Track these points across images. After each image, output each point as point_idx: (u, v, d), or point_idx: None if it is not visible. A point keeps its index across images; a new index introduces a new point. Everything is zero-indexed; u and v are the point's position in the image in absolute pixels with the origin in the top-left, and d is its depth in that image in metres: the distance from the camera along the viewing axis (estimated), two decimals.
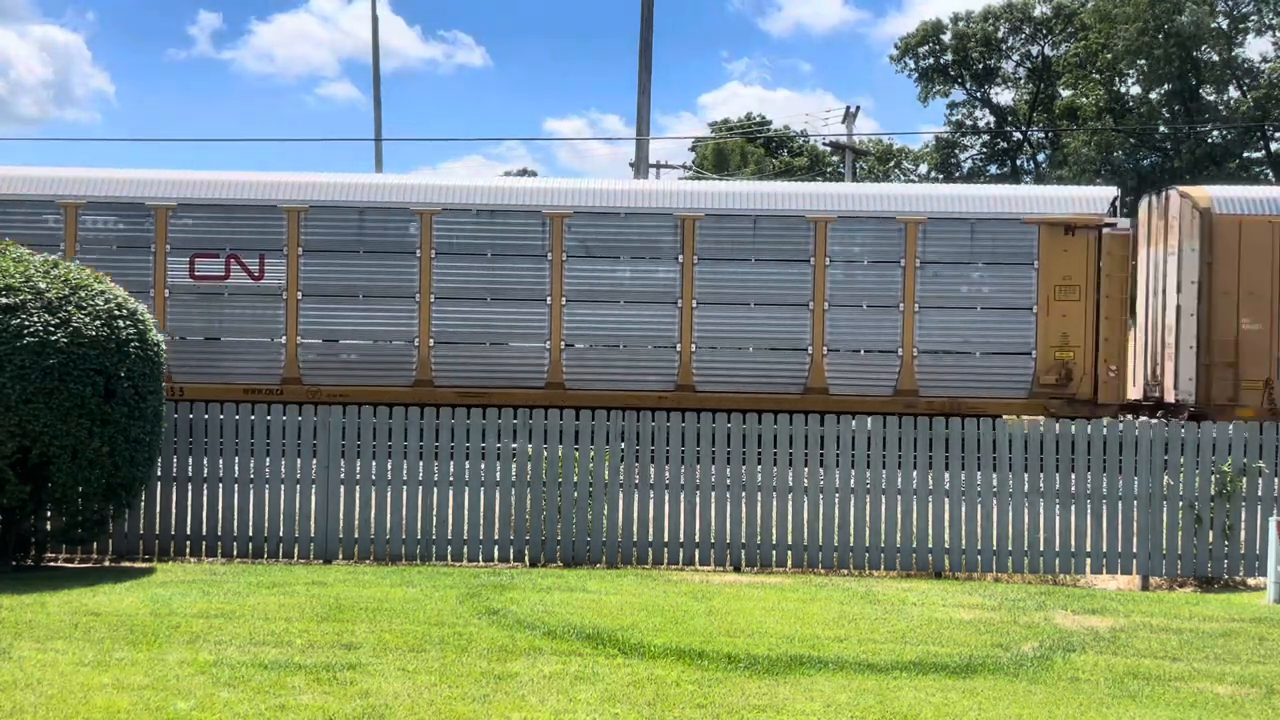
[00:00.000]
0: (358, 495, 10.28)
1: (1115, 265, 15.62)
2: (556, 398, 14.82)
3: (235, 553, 10.27)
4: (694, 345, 15.57)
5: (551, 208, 15.55)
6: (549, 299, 15.47)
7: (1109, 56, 46.26)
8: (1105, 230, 15.64)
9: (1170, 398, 16.40)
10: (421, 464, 10.27)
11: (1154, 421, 10.53)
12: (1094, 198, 16.01)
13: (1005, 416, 14.16)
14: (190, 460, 10.30)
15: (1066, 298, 15.56)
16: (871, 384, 15.55)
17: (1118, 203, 16.06)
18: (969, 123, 57.30)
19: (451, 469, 10.28)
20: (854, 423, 10.37)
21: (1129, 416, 15.93)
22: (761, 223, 15.67)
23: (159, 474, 10.15)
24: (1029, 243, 15.59)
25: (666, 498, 10.29)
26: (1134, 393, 16.64)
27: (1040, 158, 55.59)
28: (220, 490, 10.29)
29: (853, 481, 10.27)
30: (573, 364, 15.47)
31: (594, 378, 15.47)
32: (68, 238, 15.44)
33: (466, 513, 10.30)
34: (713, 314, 15.64)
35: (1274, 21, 44.13)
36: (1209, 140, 44.40)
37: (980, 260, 15.63)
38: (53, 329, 8.76)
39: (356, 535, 10.26)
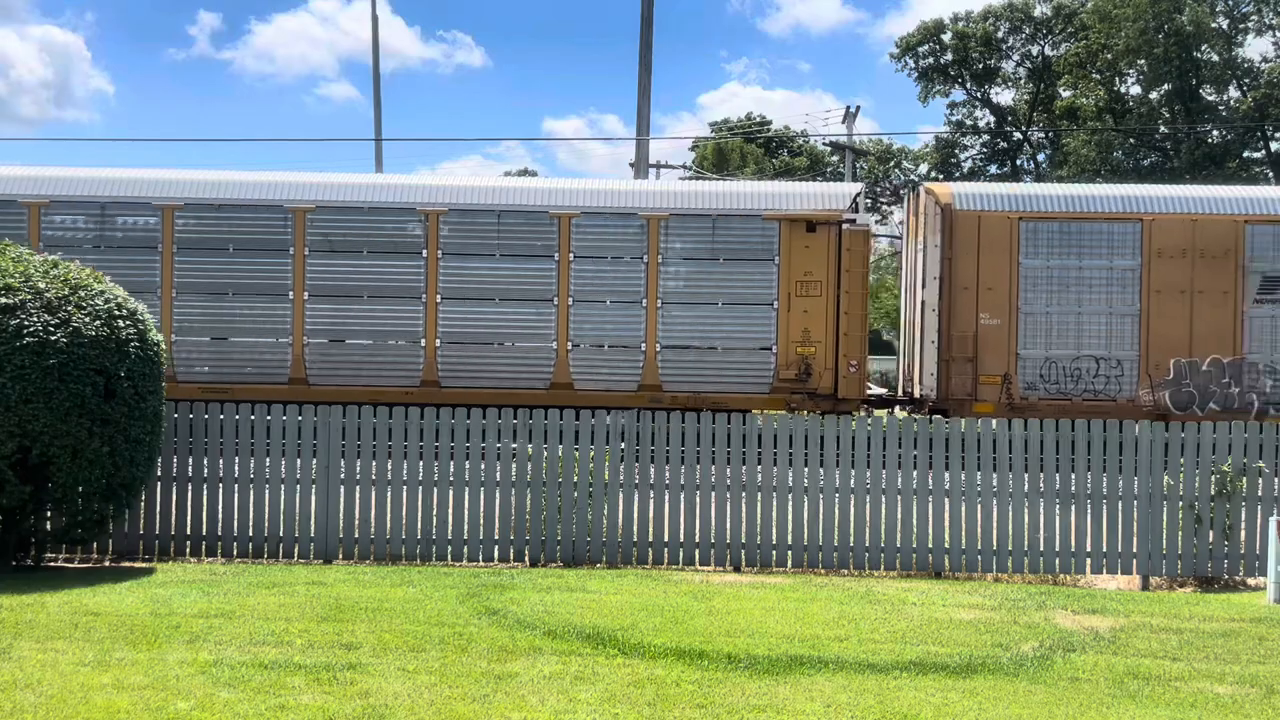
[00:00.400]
0: (357, 495, 10.28)
1: (856, 261, 15.82)
2: (300, 393, 15.26)
3: (235, 553, 10.27)
4: (439, 341, 15.79)
5: (294, 202, 15.82)
6: (290, 294, 15.78)
7: (1109, 56, 46.25)
8: (845, 226, 15.83)
9: (918, 393, 16.62)
10: (421, 464, 10.27)
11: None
12: (835, 194, 16.23)
13: (755, 411, 14.33)
14: (190, 460, 10.30)
15: (808, 293, 15.78)
16: (616, 379, 15.82)
17: (860, 199, 16.15)
18: (969, 123, 57.35)
19: (452, 469, 10.28)
20: (854, 423, 10.37)
21: (871, 410, 16.42)
22: (505, 218, 15.88)
23: (159, 474, 10.15)
24: (770, 239, 15.82)
25: (666, 498, 10.29)
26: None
27: (1040, 158, 55.63)
28: (220, 490, 10.29)
29: (853, 481, 10.27)
30: (314, 359, 15.83)
31: (348, 374, 15.79)
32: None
33: (467, 513, 10.30)
34: (458, 310, 15.84)
35: (1274, 21, 44.13)
36: (1209, 140, 44.39)
37: (722, 256, 15.87)
38: (52, 329, 8.75)
39: (356, 535, 10.26)
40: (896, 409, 16.90)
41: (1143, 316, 15.92)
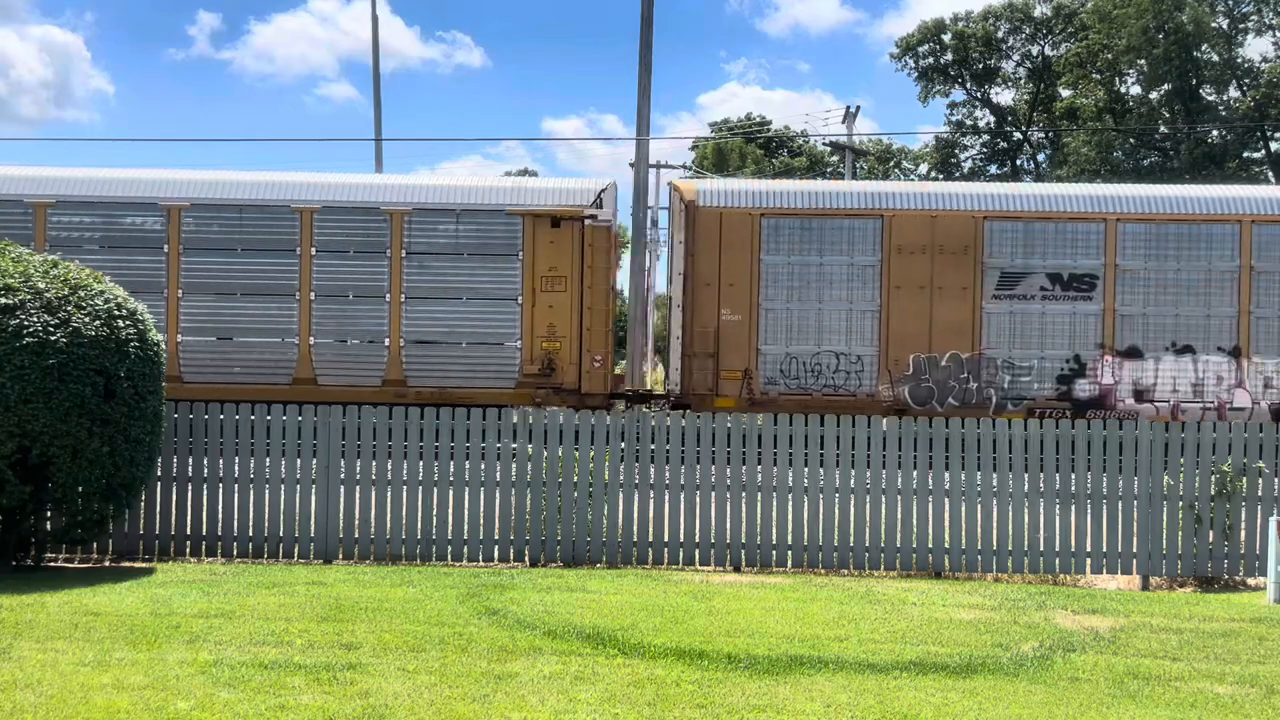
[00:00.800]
0: (358, 495, 10.28)
1: (598, 256, 15.87)
2: None
3: (235, 553, 10.27)
4: (180, 336, 15.77)
5: (34, 197, 15.82)
6: None
7: (1109, 56, 46.24)
8: (589, 222, 15.86)
9: (665, 388, 16.72)
10: (421, 464, 10.27)
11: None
12: (579, 190, 16.23)
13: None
14: (190, 460, 10.30)
15: (553, 289, 15.85)
16: (359, 375, 15.83)
17: (608, 195, 16.21)
18: (969, 123, 57.35)
19: (452, 469, 10.28)
20: (854, 423, 10.36)
21: (621, 405, 16.58)
22: (248, 213, 15.87)
23: (159, 474, 10.15)
24: (514, 234, 15.87)
25: (666, 497, 10.29)
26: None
27: (1040, 158, 55.63)
28: (220, 490, 10.29)
29: (853, 481, 10.27)
30: None
31: None
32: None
33: (467, 513, 10.30)
34: (200, 305, 15.82)
35: (1274, 21, 44.13)
36: (1209, 140, 44.38)
37: (467, 251, 15.90)
38: (52, 329, 8.75)
39: (356, 535, 10.26)
40: (644, 405, 16.91)
41: (883, 312, 16.00)
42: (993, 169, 56.89)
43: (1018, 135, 56.26)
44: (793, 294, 16.01)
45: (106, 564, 10.02)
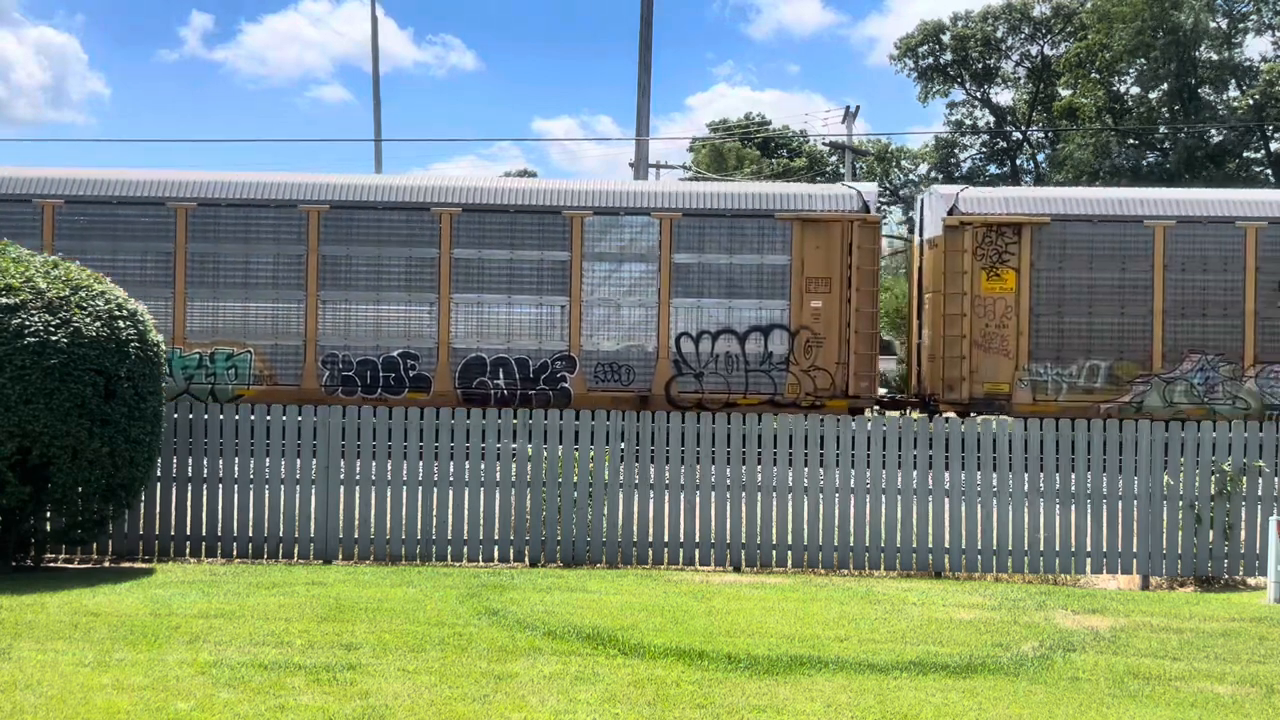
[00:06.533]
0: (357, 495, 10.27)
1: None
2: None
3: (235, 553, 10.27)
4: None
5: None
6: None
7: (1108, 56, 46.23)
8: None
9: None
10: (421, 464, 10.26)
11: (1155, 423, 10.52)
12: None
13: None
14: (190, 460, 10.30)
15: None
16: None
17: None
18: (968, 123, 57.35)
19: (451, 469, 10.28)
20: (854, 423, 10.36)
21: None
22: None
23: (159, 474, 10.15)
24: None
25: (666, 498, 10.28)
26: None
27: (1040, 157, 55.62)
28: (220, 490, 10.29)
29: (853, 481, 10.27)
30: None
31: None
32: None
33: (466, 513, 10.30)
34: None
35: (1273, 21, 44.12)
36: (1208, 140, 44.37)
37: None
38: (53, 329, 8.75)
39: (356, 535, 10.25)
40: None
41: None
42: (992, 169, 56.89)
43: (1017, 135, 56.25)
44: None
45: (106, 564, 10.02)
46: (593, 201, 16.20)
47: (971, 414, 15.28)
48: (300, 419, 10.35)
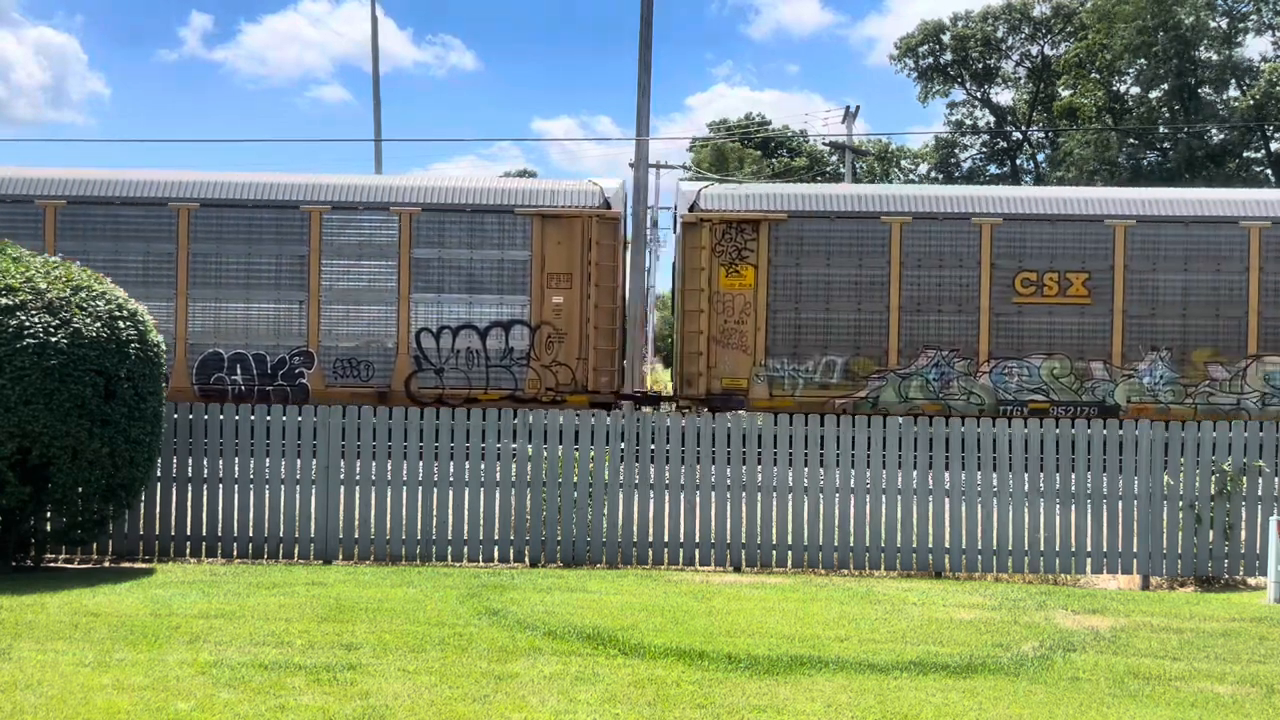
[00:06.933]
0: (357, 495, 10.27)
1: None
2: None
3: (235, 553, 10.27)
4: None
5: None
6: None
7: (1108, 56, 46.23)
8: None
9: None
10: (421, 464, 10.26)
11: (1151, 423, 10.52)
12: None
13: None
14: (190, 460, 10.30)
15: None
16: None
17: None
18: (969, 123, 57.35)
19: (451, 469, 10.28)
20: (854, 423, 10.36)
21: None
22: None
23: (159, 474, 10.15)
24: None
25: (666, 498, 10.28)
26: None
27: (1040, 157, 55.63)
28: (220, 491, 10.29)
29: (853, 481, 10.27)
30: None
31: None
32: None
33: (467, 513, 10.30)
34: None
35: (1273, 21, 44.11)
36: (1208, 140, 44.36)
37: None
38: (53, 330, 8.75)
39: (356, 535, 10.25)
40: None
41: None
42: (992, 169, 56.89)
43: (1017, 135, 56.26)
44: None
45: (106, 564, 10.02)
46: (331, 196, 16.16)
47: (706, 410, 15.31)
48: (300, 419, 10.35)
